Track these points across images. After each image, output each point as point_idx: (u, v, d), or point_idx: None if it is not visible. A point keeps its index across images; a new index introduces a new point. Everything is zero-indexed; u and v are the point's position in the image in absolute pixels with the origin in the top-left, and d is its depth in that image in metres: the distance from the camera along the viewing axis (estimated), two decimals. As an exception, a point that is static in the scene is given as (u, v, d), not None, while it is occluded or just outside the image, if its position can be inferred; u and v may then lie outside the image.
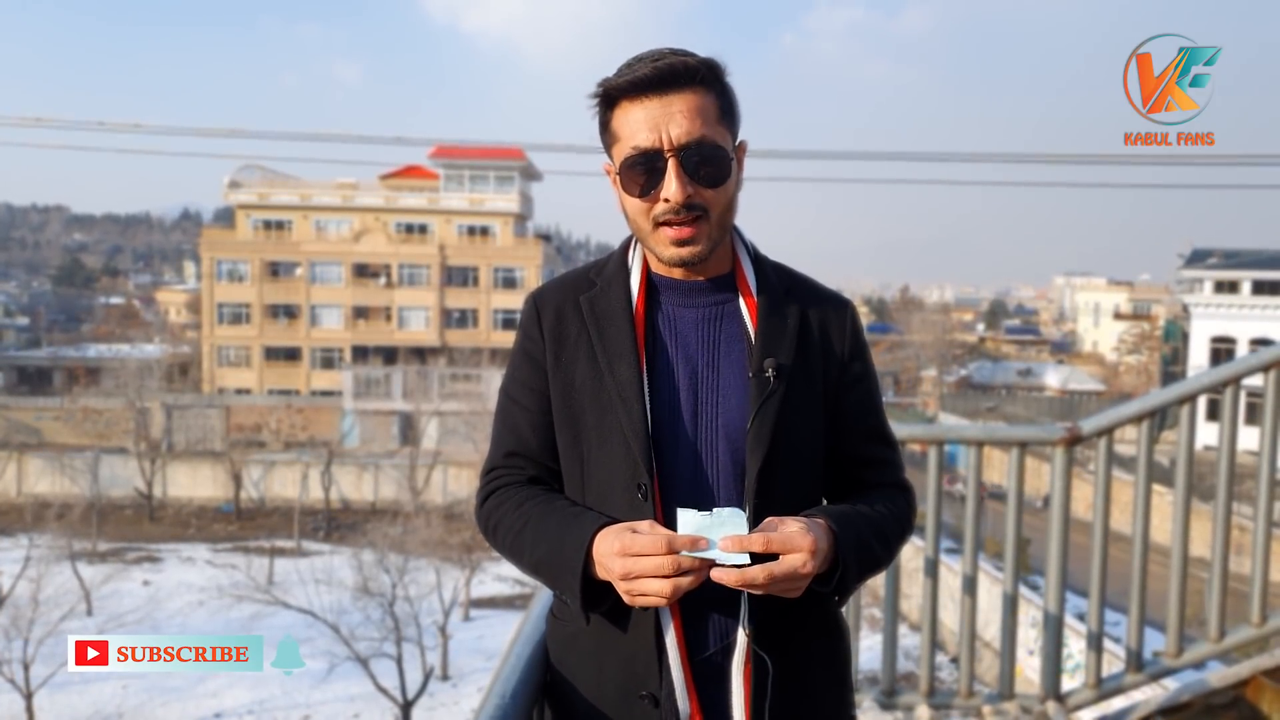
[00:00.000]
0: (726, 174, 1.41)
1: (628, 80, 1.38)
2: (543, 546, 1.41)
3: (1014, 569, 3.60)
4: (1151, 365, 51.50)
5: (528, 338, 1.53)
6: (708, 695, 1.40)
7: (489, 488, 1.54)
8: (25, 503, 35.24)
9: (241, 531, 35.60)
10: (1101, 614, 3.53)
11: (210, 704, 21.49)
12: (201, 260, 51.24)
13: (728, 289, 1.50)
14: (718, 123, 1.40)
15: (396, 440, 42.42)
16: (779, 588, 1.29)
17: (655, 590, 1.26)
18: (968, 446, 3.63)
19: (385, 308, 48.90)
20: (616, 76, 1.40)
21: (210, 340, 48.75)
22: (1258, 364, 3.40)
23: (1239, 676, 3.37)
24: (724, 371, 1.46)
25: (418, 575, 24.15)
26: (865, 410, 1.55)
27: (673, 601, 1.28)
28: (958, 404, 46.09)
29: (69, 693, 21.32)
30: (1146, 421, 3.45)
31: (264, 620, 23.61)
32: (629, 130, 1.39)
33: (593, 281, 1.53)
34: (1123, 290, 76.74)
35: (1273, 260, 37.13)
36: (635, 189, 1.41)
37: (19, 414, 44.51)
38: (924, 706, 3.58)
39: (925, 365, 57.23)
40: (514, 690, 1.44)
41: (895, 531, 1.50)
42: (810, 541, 1.29)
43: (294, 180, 51.13)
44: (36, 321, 75.44)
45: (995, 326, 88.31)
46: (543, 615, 1.64)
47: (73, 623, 23.18)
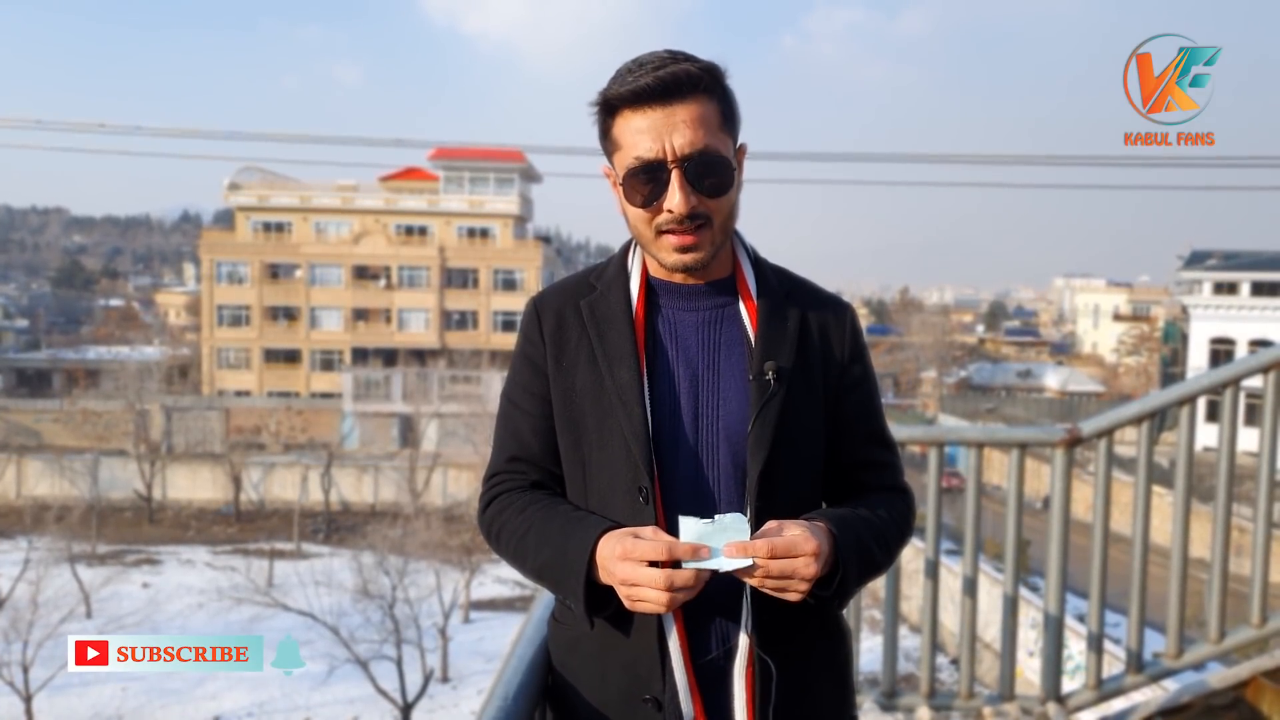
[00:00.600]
0: (729, 183, 1.41)
1: (630, 90, 1.37)
2: (546, 551, 1.41)
3: (1014, 570, 3.61)
4: (1151, 366, 51.52)
5: (528, 342, 1.53)
6: (711, 698, 1.41)
7: (492, 493, 1.54)
8: (24, 505, 35.20)
9: (241, 534, 35.59)
10: (1102, 615, 3.53)
11: (210, 706, 21.47)
12: (201, 262, 51.25)
13: (728, 292, 1.51)
14: (720, 130, 1.40)
15: (396, 442, 42.41)
16: (778, 587, 1.29)
17: (652, 599, 1.27)
18: (968, 448, 3.63)
19: (385, 310, 48.90)
20: (618, 84, 1.39)
21: (210, 342, 48.74)
22: (1257, 365, 3.40)
23: (1239, 677, 3.37)
24: (724, 374, 1.46)
25: (417, 577, 24.15)
26: (865, 413, 1.56)
27: (670, 610, 1.29)
28: (957, 405, 46.12)
29: (68, 695, 21.31)
30: (1146, 423, 3.46)
31: (263, 622, 23.57)
32: (631, 139, 1.39)
33: (593, 286, 1.53)
34: (1122, 292, 76.82)
35: (1271, 261, 37.15)
36: (638, 199, 1.40)
37: (18, 416, 44.50)
38: (924, 708, 3.58)
39: (925, 367, 57.25)
40: (515, 693, 1.44)
41: (895, 535, 1.50)
42: (814, 545, 1.29)
43: (294, 182, 51.14)
44: (36, 324, 75.40)
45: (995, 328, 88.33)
46: (544, 618, 1.64)
47: (72, 625, 23.15)
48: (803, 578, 1.29)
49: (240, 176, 49.69)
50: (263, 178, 50.29)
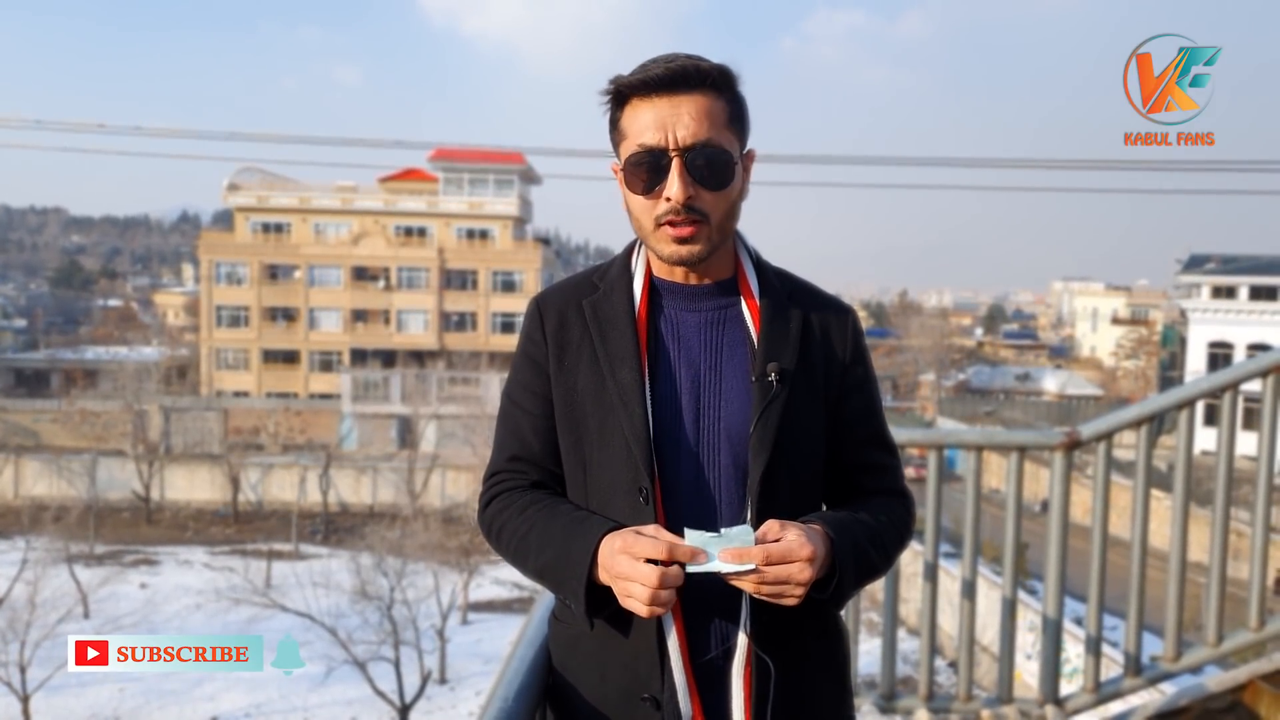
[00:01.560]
0: (729, 178, 1.42)
1: (639, 79, 1.40)
2: (549, 551, 1.41)
3: (1013, 573, 3.61)
4: (1149, 370, 51.57)
5: (530, 341, 1.54)
6: (709, 698, 1.41)
7: (492, 492, 1.55)
8: (22, 505, 35.12)
9: (239, 534, 35.56)
10: (1100, 618, 3.53)
11: (207, 708, 21.45)
12: (200, 263, 51.22)
13: (730, 293, 1.51)
14: (725, 127, 1.41)
15: (395, 443, 42.38)
16: (774, 593, 1.30)
17: (637, 595, 1.27)
18: (967, 451, 3.64)
19: (384, 311, 48.88)
20: (629, 75, 1.42)
21: (208, 343, 48.71)
22: (1256, 369, 3.41)
23: (1236, 681, 3.38)
24: (726, 376, 1.47)
25: (416, 579, 24.13)
26: (866, 416, 1.56)
27: (655, 612, 1.29)
28: (956, 408, 46.14)
29: (66, 696, 21.29)
30: (1145, 426, 3.46)
31: (261, 623, 23.53)
32: (637, 128, 1.41)
33: (595, 285, 1.54)
34: (1121, 295, 76.81)
35: (1270, 265, 37.20)
36: (639, 186, 1.42)
37: (16, 416, 44.47)
38: (923, 710, 3.59)
39: (924, 370, 57.25)
40: (516, 693, 1.44)
41: (893, 538, 1.50)
42: (809, 551, 1.30)
43: (293, 183, 51.13)
44: (34, 324, 75.31)
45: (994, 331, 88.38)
46: (545, 618, 1.64)
47: (70, 625, 23.13)
48: (798, 583, 1.29)
49: (239, 177, 49.69)
50: (262, 178, 50.28)
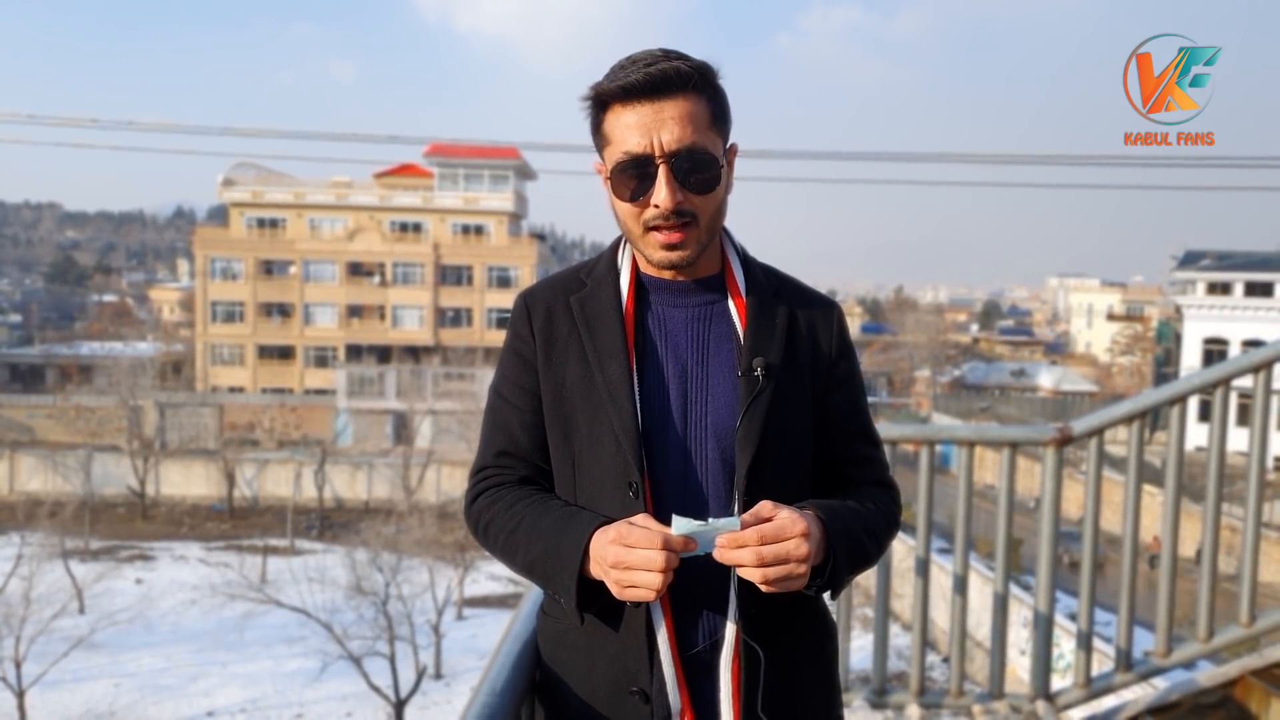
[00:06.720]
0: (716, 181, 1.42)
1: (620, 85, 1.38)
2: (538, 546, 1.41)
3: (1005, 569, 3.62)
4: (1144, 366, 51.64)
5: (518, 337, 1.54)
6: (698, 691, 1.42)
7: (479, 487, 1.55)
8: (17, 501, 35.12)
9: (234, 530, 35.55)
10: (1091, 614, 3.54)
11: (202, 703, 21.44)
12: (195, 258, 51.13)
13: (717, 289, 1.51)
14: (709, 129, 1.41)
15: (390, 439, 42.39)
16: (780, 575, 1.29)
17: (644, 583, 1.27)
18: (960, 447, 3.64)
19: (379, 306, 48.84)
20: (608, 80, 1.40)
21: (204, 338, 48.65)
22: (1247, 365, 3.41)
23: (1228, 676, 3.39)
24: (713, 371, 1.47)
25: (411, 574, 24.14)
26: (851, 410, 1.57)
27: (660, 595, 1.29)
28: (951, 404, 46.16)
29: (61, 691, 21.28)
30: (1137, 422, 3.46)
31: (257, 619, 23.54)
32: (620, 135, 1.40)
33: (583, 281, 1.54)
34: (1116, 292, 76.96)
35: (1265, 262, 37.28)
36: (626, 193, 1.41)
37: (11, 412, 44.40)
38: (915, 706, 3.59)
39: (919, 366, 57.36)
40: (503, 686, 1.44)
41: (882, 527, 1.51)
42: (803, 526, 1.30)
43: (288, 178, 51.05)
44: (29, 319, 75.15)
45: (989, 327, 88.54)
46: (533, 612, 1.64)
47: (65, 621, 23.14)
48: (797, 559, 1.29)
49: (234, 172, 49.59)
50: (257, 174, 50.22)
